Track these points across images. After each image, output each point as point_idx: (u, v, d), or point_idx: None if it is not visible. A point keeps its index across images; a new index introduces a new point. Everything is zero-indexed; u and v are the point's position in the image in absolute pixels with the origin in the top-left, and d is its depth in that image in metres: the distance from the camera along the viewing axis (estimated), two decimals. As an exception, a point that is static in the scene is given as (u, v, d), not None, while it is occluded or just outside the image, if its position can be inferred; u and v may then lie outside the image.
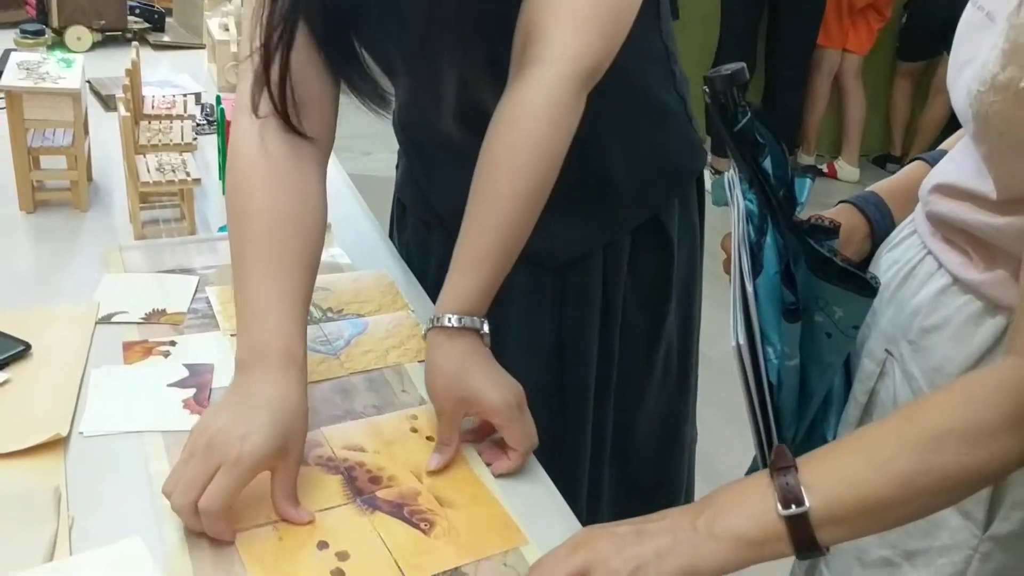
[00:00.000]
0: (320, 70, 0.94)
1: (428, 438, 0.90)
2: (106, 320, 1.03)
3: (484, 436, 0.90)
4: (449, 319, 0.87)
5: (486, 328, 0.88)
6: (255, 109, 0.90)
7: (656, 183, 1.13)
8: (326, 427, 0.89)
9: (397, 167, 1.27)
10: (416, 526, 0.78)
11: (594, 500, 1.25)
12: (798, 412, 0.91)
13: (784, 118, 4.25)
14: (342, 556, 0.75)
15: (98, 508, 0.76)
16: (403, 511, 0.80)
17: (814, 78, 4.35)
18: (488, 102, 0.90)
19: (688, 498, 1.37)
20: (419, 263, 1.24)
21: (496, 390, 0.85)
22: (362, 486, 0.82)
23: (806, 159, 4.50)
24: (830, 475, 0.65)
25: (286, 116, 0.91)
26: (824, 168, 4.44)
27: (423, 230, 1.24)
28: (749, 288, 0.80)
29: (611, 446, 1.25)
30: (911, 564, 0.81)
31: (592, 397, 1.19)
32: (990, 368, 0.67)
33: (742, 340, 0.78)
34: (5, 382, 0.89)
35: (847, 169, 4.41)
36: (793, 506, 0.63)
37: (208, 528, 0.73)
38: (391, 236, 1.34)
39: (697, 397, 1.37)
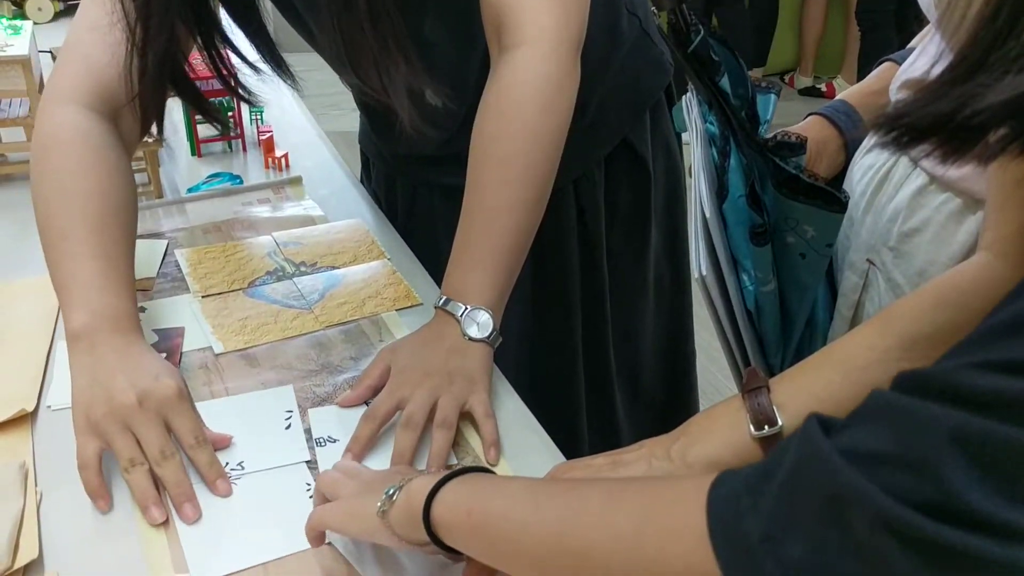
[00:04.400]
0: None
1: None
2: (73, 291, 1.00)
3: None
4: (447, 303, 0.85)
5: (479, 327, 0.84)
6: (81, 98, 0.89)
7: (619, 105, 1.10)
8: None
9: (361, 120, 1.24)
10: None
11: (610, 428, 1.25)
12: (783, 339, 0.89)
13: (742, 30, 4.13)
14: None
15: (67, 482, 0.75)
16: None
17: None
18: (433, 87, 0.87)
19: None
20: (387, 208, 1.22)
21: (419, 359, 0.83)
22: None
23: (804, 81, 4.38)
24: (803, 392, 0.62)
25: (145, 112, 0.92)
26: (823, 88, 4.34)
27: (386, 180, 1.23)
28: (708, 214, 0.77)
29: (618, 372, 1.25)
30: None
31: (579, 334, 1.18)
32: (961, 268, 0.64)
33: (705, 271, 0.75)
34: (-29, 361, 0.88)
35: (847, 88, 4.30)
36: (766, 427, 0.61)
37: (208, 471, 0.75)
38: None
39: (694, 329, 1.36)
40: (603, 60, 1.05)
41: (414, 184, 1.18)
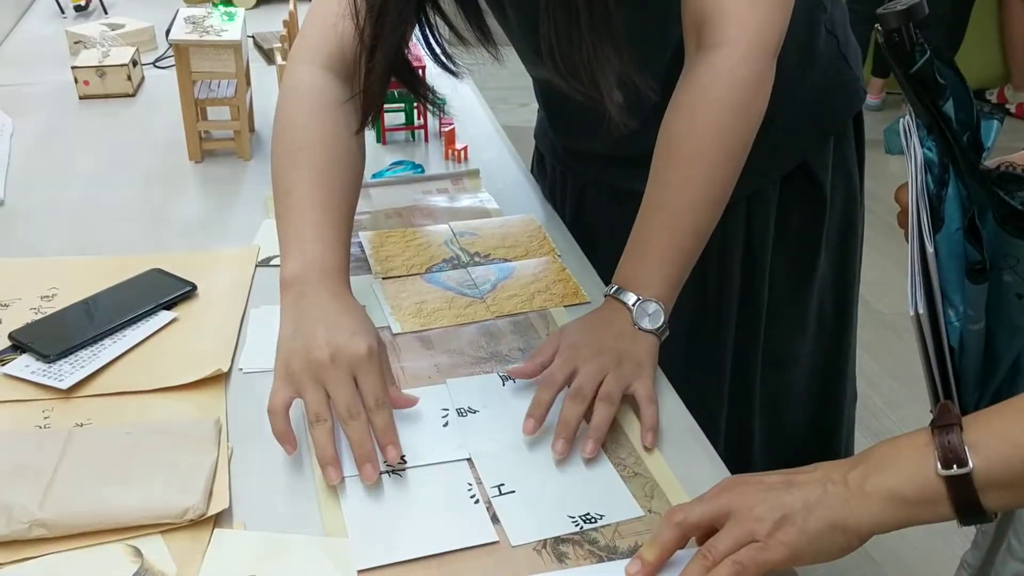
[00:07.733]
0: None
1: None
2: (265, 263, 1.07)
3: None
4: (618, 291, 0.87)
5: (648, 317, 0.85)
6: (323, 60, 0.93)
7: (804, 126, 1.06)
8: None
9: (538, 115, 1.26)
10: None
11: (745, 452, 1.22)
12: (982, 378, 0.83)
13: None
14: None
15: (255, 439, 0.79)
16: None
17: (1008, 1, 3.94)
18: (642, 80, 0.86)
19: (847, 456, 1.32)
20: (560, 206, 1.23)
21: (590, 338, 0.84)
22: None
23: (1020, 96, 4.04)
24: (999, 435, 0.58)
25: (375, 97, 0.92)
26: (993, 97, 4.04)
27: (559, 177, 1.23)
28: (929, 249, 0.72)
29: (761, 399, 1.20)
30: None
31: (730, 354, 1.16)
32: None
33: (922, 309, 0.71)
34: (173, 320, 0.95)
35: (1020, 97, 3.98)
36: (954, 466, 0.58)
37: (382, 435, 0.77)
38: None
39: (857, 353, 1.30)
40: (795, 78, 1.02)
41: (583, 184, 1.19)
